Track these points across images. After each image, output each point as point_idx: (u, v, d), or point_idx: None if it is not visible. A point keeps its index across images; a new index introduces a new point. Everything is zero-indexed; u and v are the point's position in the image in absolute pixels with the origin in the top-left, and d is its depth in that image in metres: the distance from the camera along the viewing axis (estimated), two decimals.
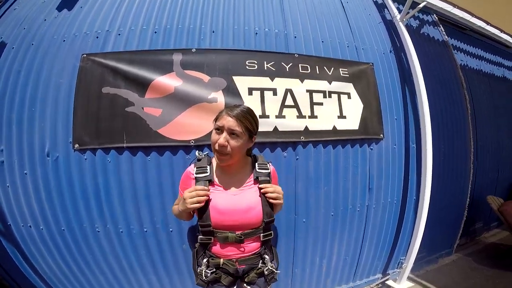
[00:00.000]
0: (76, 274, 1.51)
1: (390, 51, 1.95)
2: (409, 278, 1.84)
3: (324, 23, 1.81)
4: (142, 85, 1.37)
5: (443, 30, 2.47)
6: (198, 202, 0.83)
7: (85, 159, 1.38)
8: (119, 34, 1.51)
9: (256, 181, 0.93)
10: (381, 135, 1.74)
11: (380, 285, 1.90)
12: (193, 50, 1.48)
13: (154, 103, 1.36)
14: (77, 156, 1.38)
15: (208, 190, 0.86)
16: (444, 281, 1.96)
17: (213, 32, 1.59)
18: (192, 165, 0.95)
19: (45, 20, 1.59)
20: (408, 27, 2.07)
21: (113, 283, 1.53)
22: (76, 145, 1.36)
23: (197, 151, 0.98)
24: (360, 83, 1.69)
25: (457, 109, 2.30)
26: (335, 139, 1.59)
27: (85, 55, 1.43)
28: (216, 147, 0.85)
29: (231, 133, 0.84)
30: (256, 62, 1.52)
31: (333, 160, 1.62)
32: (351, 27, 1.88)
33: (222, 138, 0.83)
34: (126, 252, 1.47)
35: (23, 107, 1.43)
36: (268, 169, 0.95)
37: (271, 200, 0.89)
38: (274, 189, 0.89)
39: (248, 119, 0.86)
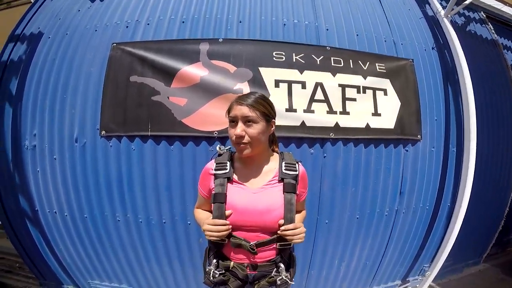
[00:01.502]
0: (94, 261, 1.54)
1: (433, 48, 1.78)
2: (429, 287, 1.74)
3: (358, 16, 1.69)
4: (168, 75, 1.36)
5: (491, 28, 2.24)
6: (219, 237, 0.79)
7: (111, 146, 1.39)
8: (148, 24, 1.51)
9: (281, 181, 0.84)
10: (419, 136, 1.59)
11: None
12: (220, 40, 1.44)
13: (180, 92, 1.34)
14: (103, 143, 1.39)
15: (229, 225, 0.80)
16: None
17: (240, 22, 1.54)
18: (213, 161, 0.89)
19: (79, 10, 1.64)
20: (453, 24, 1.89)
21: (128, 272, 1.54)
22: (103, 132, 1.37)
23: (219, 145, 0.92)
24: (398, 80, 1.55)
25: (505, 112, 2.08)
26: (367, 138, 1.47)
27: (115, 44, 1.45)
28: (234, 139, 0.79)
29: (247, 121, 0.78)
30: (284, 53, 1.45)
31: (364, 160, 1.50)
32: (389, 21, 1.74)
33: (239, 129, 0.77)
34: (144, 242, 1.47)
35: (56, 94, 1.48)
36: (296, 170, 0.86)
37: (285, 237, 0.80)
38: (292, 232, 0.79)
39: (261, 103, 0.80)
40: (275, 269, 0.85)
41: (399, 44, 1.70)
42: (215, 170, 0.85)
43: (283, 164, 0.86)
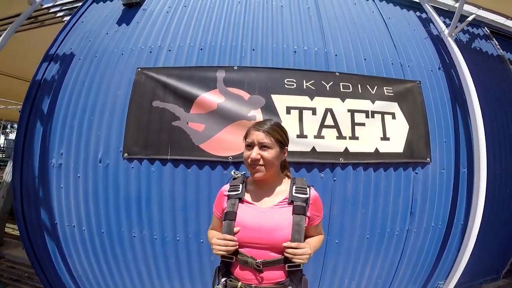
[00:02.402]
0: (105, 274, 1.58)
1: (439, 68, 1.82)
2: None
3: (366, 40, 1.76)
4: (188, 101, 1.45)
5: (497, 43, 2.27)
6: (226, 251, 0.83)
7: (132, 167, 1.47)
8: (169, 50, 1.63)
9: (291, 203, 0.88)
10: (428, 159, 1.61)
11: None
12: (235, 68, 1.53)
13: (198, 118, 1.43)
14: (125, 165, 1.48)
15: (236, 241, 0.84)
16: None
17: (253, 50, 1.64)
18: (228, 184, 0.96)
19: (107, 33, 1.77)
20: (458, 41, 1.93)
21: (138, 287, 1.57)
22: (126, 154, 1.46)
23: (234, 170, 1.00)
24: (406, 103, 1.59)
25: None
26: (376, 162, 1.50)
27: (139, 69, 1.55)
28: (249, 161, 0.85)
29: (262, 146, 0.85)
30: (295, 80, 1.53)
31: (374, 183, 1.53)
32: (395, 43, 1.80)
33: (254, 153, 0.84)
34: (156, 258, 1.52)
35: (84, 116, 1.59)
36: (306, 193, 0.89)
37: (286, 255, 0.81)
38: (293, 251, 0.81)
39: (276, 130, 0.87)
40: None
41: (405, 66, 1.75)
42: (229, 191, 0.91)
43: (294, 187, 0.90)
